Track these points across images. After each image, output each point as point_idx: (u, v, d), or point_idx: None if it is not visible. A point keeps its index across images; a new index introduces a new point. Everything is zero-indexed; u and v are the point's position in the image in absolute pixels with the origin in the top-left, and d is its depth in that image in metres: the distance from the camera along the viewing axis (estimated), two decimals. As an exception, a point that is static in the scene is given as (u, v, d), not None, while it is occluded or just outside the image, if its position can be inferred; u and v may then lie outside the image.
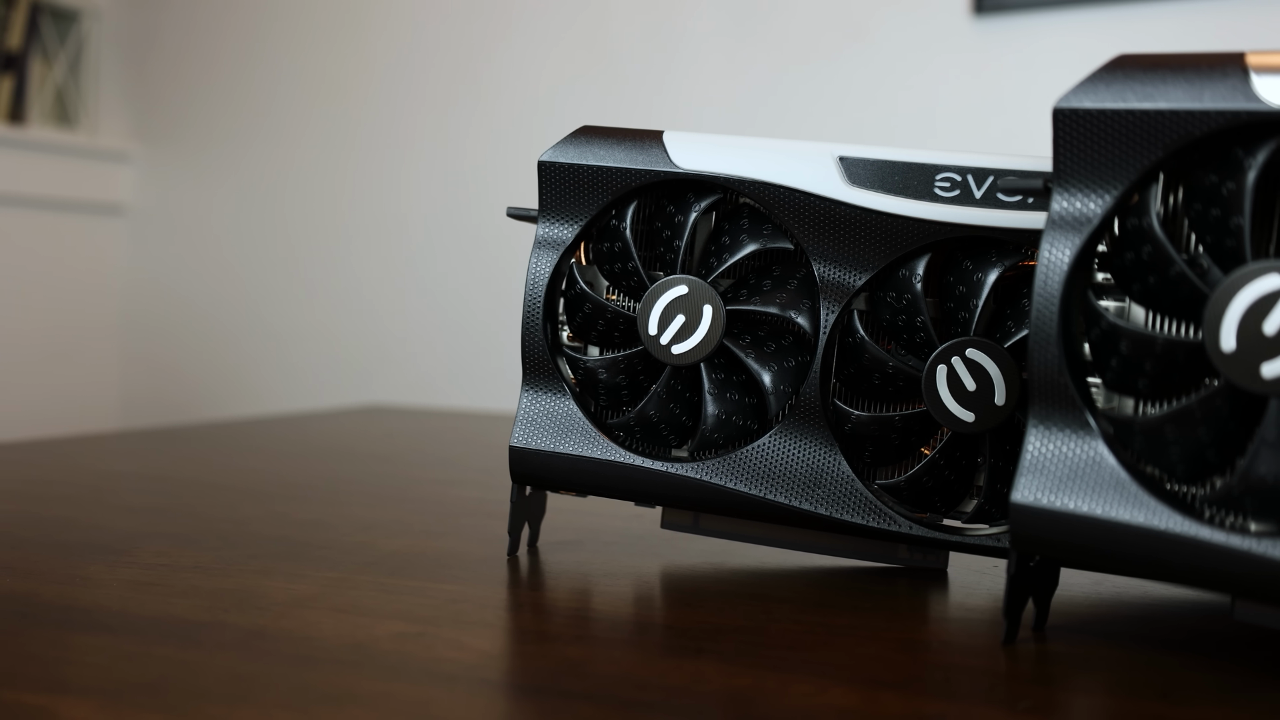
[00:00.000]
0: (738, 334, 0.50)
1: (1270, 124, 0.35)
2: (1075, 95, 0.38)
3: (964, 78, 1.38)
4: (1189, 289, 0.36)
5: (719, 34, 1.50)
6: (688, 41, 1.52)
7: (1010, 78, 1.35)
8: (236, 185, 1.84)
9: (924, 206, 0.46)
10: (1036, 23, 1.35)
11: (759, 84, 1.48)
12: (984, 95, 1.37)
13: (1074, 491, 0.38)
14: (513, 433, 0.52)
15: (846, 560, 0.53)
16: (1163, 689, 0.37)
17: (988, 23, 1.37)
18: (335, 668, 0.37)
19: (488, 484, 0.74)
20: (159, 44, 1.90)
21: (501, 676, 0.38)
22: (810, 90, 1.46)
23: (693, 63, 1.52)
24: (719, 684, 0.36)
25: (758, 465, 0.49)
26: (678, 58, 1.53)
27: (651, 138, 0.50)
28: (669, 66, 1.53)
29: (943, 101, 1.39)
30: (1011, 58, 1.36)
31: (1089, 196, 0.38)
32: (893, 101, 1.41)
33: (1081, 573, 0.50)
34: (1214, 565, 0.36)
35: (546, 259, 0.52)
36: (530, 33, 1.63)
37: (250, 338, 1.82)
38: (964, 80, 1.38)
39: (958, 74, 1.38)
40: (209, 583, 0.47)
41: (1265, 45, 1.10)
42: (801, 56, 1.46)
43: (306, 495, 0.72)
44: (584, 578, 0.51)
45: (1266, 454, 0.35)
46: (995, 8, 1.36)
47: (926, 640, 0.43)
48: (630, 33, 1.56)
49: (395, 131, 1.72)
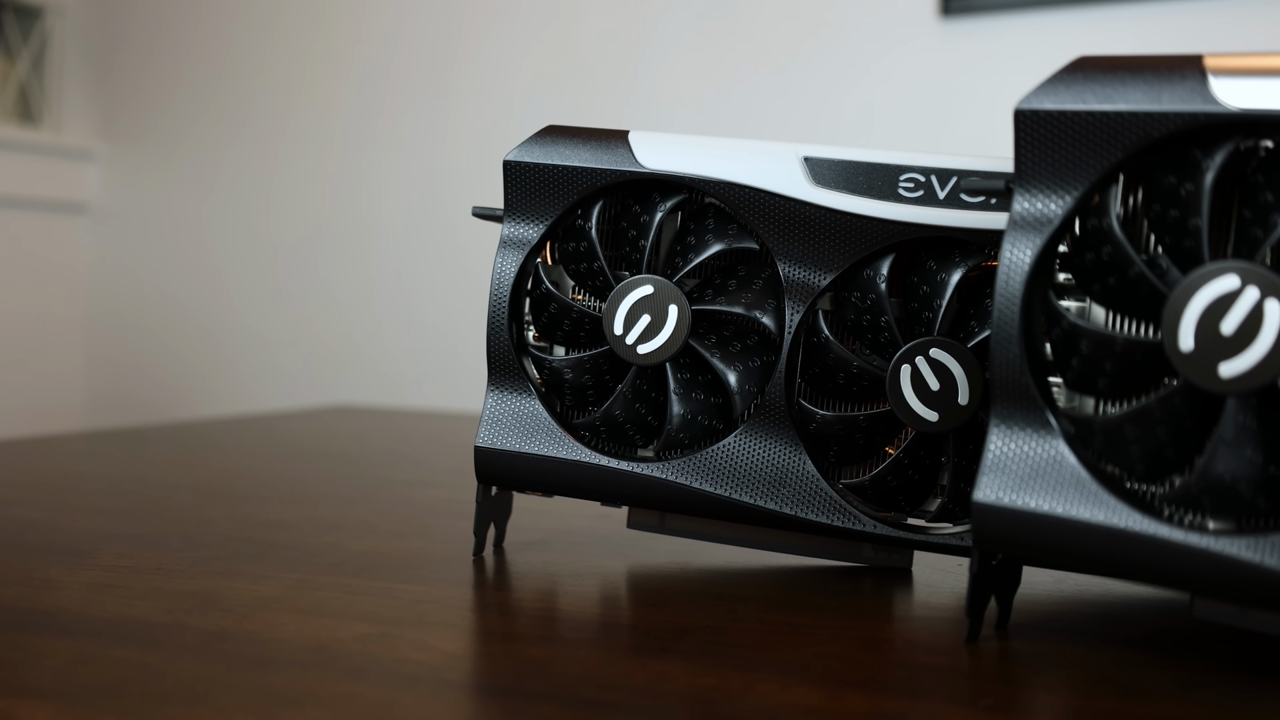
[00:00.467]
0: (703, 334, 0.50)
1: (1227, 126, 0.36)
2: (1036, 96, 0.38)
3: (931, 78, 1.39)
4: (1148, 289, 0.37)
5: (690, 33, 1.50)
6: (658, 42, 1.52)
7: (977, 78, 1.36)
8: (203, 184, 1.82)
9: (888, 207, 0.47)
10: (1003, 24, 1.36)
11: (729, 84, 1.49)
12: (951, 96, 1.37)
13: (1035, 490, 0.38)
14: (478, 433, 0.52)
15: (812, 559, 0.53)
16: (1123, 686, 0.37)
17: (954, 24, 1.38)
18: (297, 669, 0.37)
19: (456, 484, 0.74)
20: (124, 41, 1.88)
21: (465, 677, 0.38)
22: (779, 90, 1.46)
23: (662, 63, 1.52)
24: (683, 684, 0.36)
25: (723, 465, 0.49)
26: (648, 58, 1.53)
27: (617, 137, 0.50)
28: (640, 67, 1.53)
29: (910, 102, 1.40)
30: (978, 59, 1.37)
31: (1050, 197, 0.38)
32: (860, 102, 1.42)
33: (1044, 571, 0.51)
34: (1173, 563, 0.36)
35: (512, 259, 0.52)
36: (503, 33, 1.62)
37: (218, 337, 1.81)
38: (931, 81, 1.39)
39: (925, 74, 1.39)
40: (171, 584, 0.47)
41: (1225, 48, 1.11)
42: (770, 56, 1.47)
43: (272, 496, 0.71)
44: (550, 578, 0.51)
45: (1224, 453, 0.36)
46: (962, 9, 1.37)
47: (890, 639, 0.43)
48: (601, 33, 1.56)
49: (366, 130, 1.71)
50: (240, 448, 0.97)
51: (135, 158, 1.88)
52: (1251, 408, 0.35)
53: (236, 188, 1.80)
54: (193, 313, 1.83)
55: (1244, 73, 0.36)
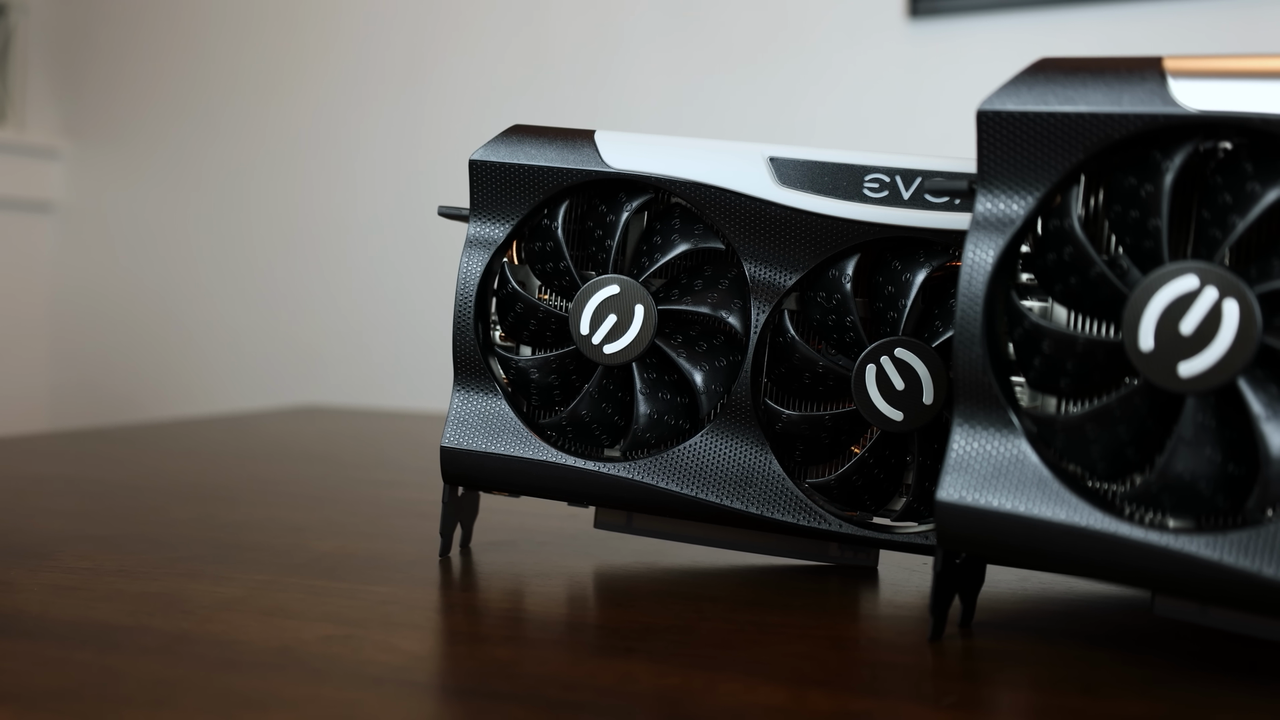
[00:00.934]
0: (669, 333, 0.50)
1: (1186, 127, 0.36)
2: (998, 98, 0.38)
3: (899, 79, 1.39)
4: (1109, 289, 0.37)
5: (659, 34, 1.50)
6: (628, 43, 1.52)
7: (944, 79, 1.37)
8: (169, 183, 1.81)
9: (853, 207, 0.47)
10: (970, 25, 1.36)
11: (699, 84, 1.49)
12: (919, 96, 1.38)
13: (998, 489, 0.38)
14: (444, 433, 0.52)
15: (779, 559, 0.53)
16: (1085, 683, 0.37)
17: (922, 25, 1.39)
18: (260, 671, 0.37)
19: (424, 484, 0.74)
20: (90, 38, 1.87)
21: (429, 678, 0.38)
22: (748, 91, 1.46)
23: (633, 63, 1.52)
24: (648, 683, 0.36)
25: (689, 465, 0.49)
26: (619, 59, 1.53)
27: (583, 137, 0.50)
28: (611, 67, 1.53)
29: (878, 102, 1.40)
30: (946, 59, 1.37)
31: (1012, 198, 0.39)
32: (829, 102, 1.42)
33: (1009, 569, 0.51)
34: (1134, 561, 0.37)
35: (478, 258, 0.51)
36: (475, 34, 1.62)
37: (185, 337, 1.80)
38: (899, 81, 1.39)
39: (893, 75, 1.39)
40: (133, 586, 0.47)
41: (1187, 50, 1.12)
42: (740, 57, 1.47)
43: (238, 497, 0.71)
44: (516, 578, 0.50)
45: (1184, 452, 0.36)
46: (930, 11, 1.37)
47: (855, 637, 0.43)
48: (571, 33, 1.56)
49: (337, 129, 1.71)
50: (207, 448, 0.96)
51: (101, 156, 1.86)
52: (1210, 407, 0.36)
53: (204, 186, 1.79)
54: (160, 312, 1.82)
55: (1203, 75, 0.36)
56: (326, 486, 0.76)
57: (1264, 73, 0.35)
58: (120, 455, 0.90)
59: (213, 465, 0.86)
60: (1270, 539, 0.34)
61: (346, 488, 0.76)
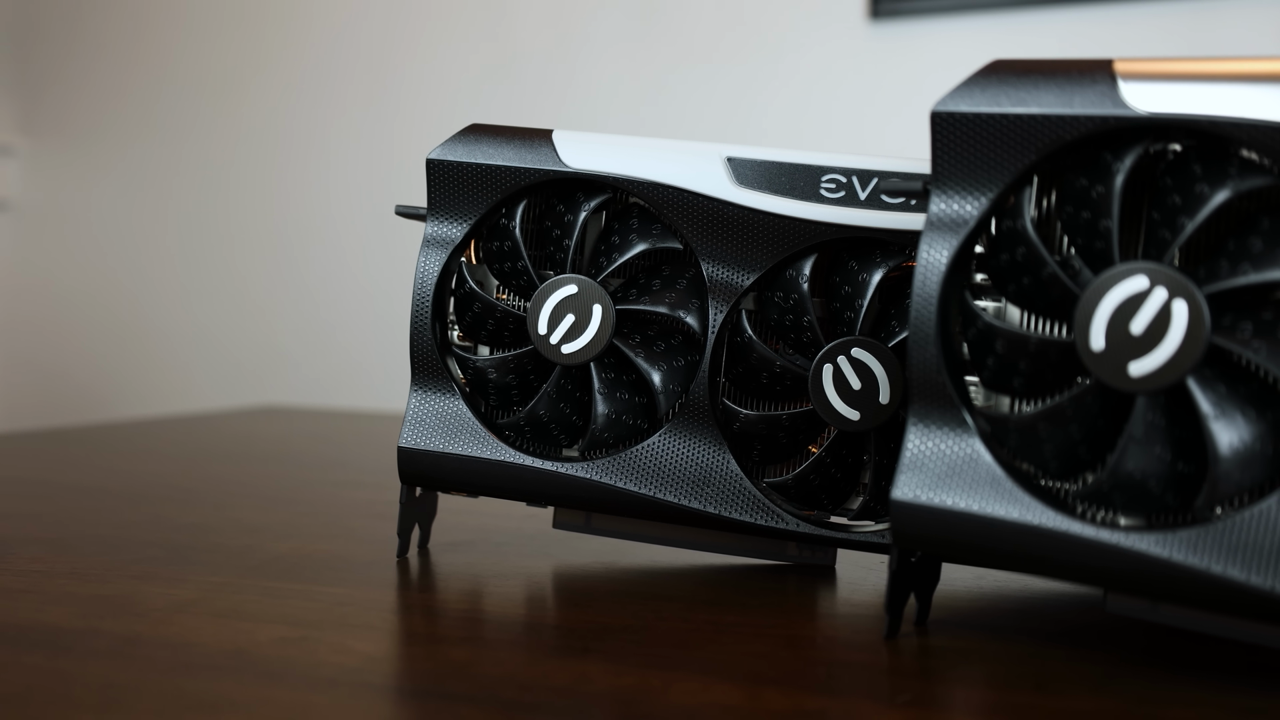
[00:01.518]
0: (627, 333, 0.50)
1: (1137, 129, 0.36)
2: (952, 99, 0.39)
3: (860, 80, 1.40)
4: (1061, 290, 0.37)
5: (621, 34, 1.50)
6: (592, 43, 1.52)
7: (905, 81, 1.37)
8: (126, 181, 1.79)
9: (810, 207, 0.47)
10: (931, 27, 1.37)
11: (660, 84, 1.49)
12: (880, 98, 1.39)
13: (952, 488, 0.39)
14: (401, 433, 0.52)
15: (738, 558, 0.53)
16: (1038, 680, 0.37)
17: (883, 27, 1.39)
18: (212, 674, 0.36)
19: (382, 485, 0.73)
20: (44, 34, 1.84)
21: (384, 680, 0.37)
22: (710, 91, 1.47)
23: (597, 64, 1.52)
24: (604, 684, 0.36)
25: (648, 464, 0.49)
26: (582, 60, 1.53)
27: (541, 137, 0.50)
28: (575, 68, 1.53)
29: (840, 104, 1.41)
30: (907, 61, 1.38)
31: (966, 198, 0.39)
32: (791, 103, 1.43)
33: (965, 567, 0.51)
34: (1085, 559, 0.37)
35: (435, 258, 0.51)
36: (437, 35, 1.61)
37: (141, 337, 1.78)
38: (860, 83, 1.40)
39: (854, 77, 1.40)
40: (85, 589, 0.46)
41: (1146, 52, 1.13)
42: (702, 58, 1.47)
43: (193, 499, 0.70)
44: (474, 579, 0.50)
45: (1134, 450, 0.36)
46: (891, 13, 1.38)
47: (812, 636, 0.43)
48: (535, 33, 1.55)
49: (297, 129, 1.69)
50: (161, 450, 0.95)
51: (58, 153, 1.84)
52: (1160, 406, 0.36)
53: (158, 185, 1.77)
54: (119, 312, 1.80)
55: (1152, 77, 0.36)
56: (284, 487, 0.76)
57: (1212, 75, 0.36)
58: (74, 456, 0.89)
59: (169, 466, 0.85)
60: (1219, 536, 0.35)
61: (304, 488, 0.76)
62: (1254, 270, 0.35)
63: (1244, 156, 0.36)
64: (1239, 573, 0.34)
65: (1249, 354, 0.35)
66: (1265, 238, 0.35)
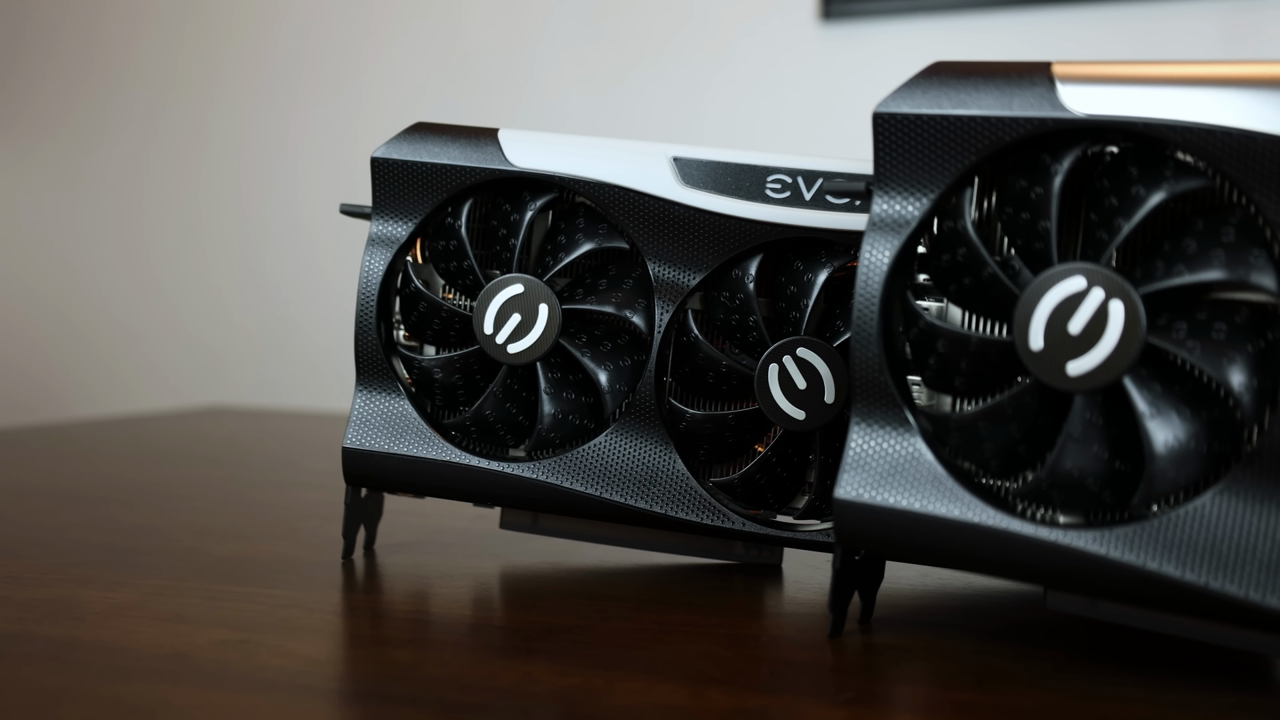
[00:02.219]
0: (574, 333, 0.50)
1: (1074, 131, 0.37)
2: (893, 100, 0.39)
3: (811, 82, 1.40)
4: (1000, 290, 0.38)
5: (576, 37, 1.50)
6: (546, 44, 1.52)
7: (856, 82, 1.38)
8: (74, 178, 1.77)
9: (755, 208, 0.47)
10: (882, 29, 1.38)
11: (615, 85, 1.49)
12: (831, 99, 1.39)
13: (894, 487, 0.39)
14: (346, 434, 0.51)
15: (686, 558, 0.53)
16: (978, 677, 0.38)
17: (835, 28, 1.40)
18: (150, 678, 0.36)
19: (328, 486, 0.73)
20: (-12, 30, 1.81)
21: (325, 683, 0.37)
22: (662, 92, 1.47)
23: (550, 65, 1.51)
24: (548, 684, 0.36)
25: (594, 464, 0.49)
26: (535, 60, 1.52)
27: (486, 135, 0.50)
28: (528, 68, 1.53)
29: (792, 105, 1.41)
30: (857, 62, 1.39)
31: (908, 199, 0.39)
32: (743, 104, 1.43)
33: (910, 565, 0.52)
34: (1025, 557, 0.37)
35: (380, 257, 0.51)
36: (385, 34, 1.60)
37: (86, 337, 1.75)
38: (811, 84, 1.40)
39: (806, 78, 1.41)
40: (21, 593, 0.45)
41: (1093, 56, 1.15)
42: (653, 59, 1.47)
43: (136, 500, 0.69)
44: (420, 580, 0.50)
45: (1072, 449, 0.37)
46: (842, 14, 1.39)
47: (757, 635, 0.43)
48: (486, 33, 1.55)
49: (236, 126, 1.68)
50: (105, 451, 0.94)
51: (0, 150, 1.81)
52: (1098, 405, 0.37)
53: (106, 182, 1.75)
54: (59, 311, 1.77)
55: (1089, 80, 0.37)
56: (230, 489, 0.75)
57: (1148, 79, 0.36)
58: (14, 457, 0.87)
59: (110, 468, 0.84)
60: (1154, 534, 0.35)
61: (250, 490, 0.75)
62: (1188, 271, 0.35)
63: (1179, 159, 0.36)
64: (1174, 569, 0.35)
65: (1184, 354, 0.35)
66: (1199, 239, 0.35)
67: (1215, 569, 0.35)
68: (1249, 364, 0.35)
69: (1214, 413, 0.36)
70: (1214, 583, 0.34)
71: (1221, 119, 0.35)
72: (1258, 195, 0.34)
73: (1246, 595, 0.34)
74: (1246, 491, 0.35)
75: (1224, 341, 0.35)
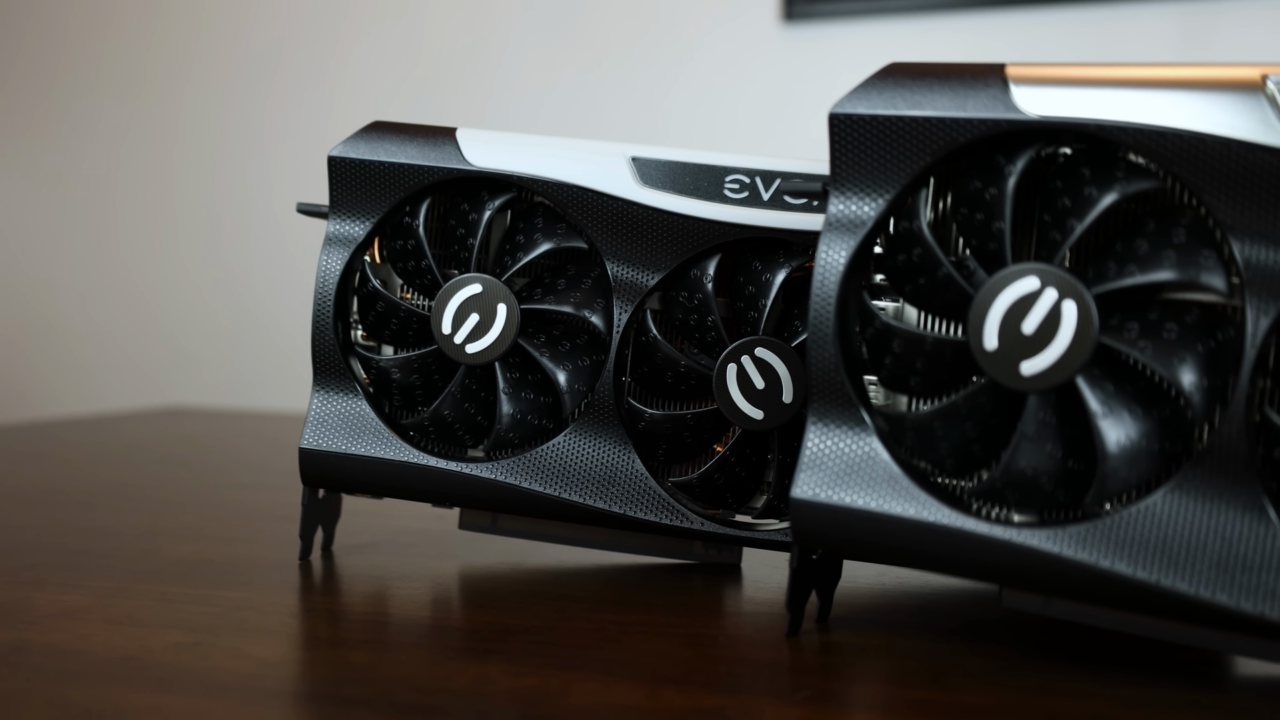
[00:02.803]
0: (532, 333, 0.50)
1: (1028, 133, 0.37)
2: (849, 101, 0.39)
3: (773, 83, 1.41)
4: (955, 290, 0.38)
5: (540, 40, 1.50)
6: (511, 45, 1.51)
7: (817, 83, 1.39)
8: (34, 178, 1.74)
9: (713, 207, 0.47)
10: (843, 30, 1.39)
11: (574, 85, 1.49)
12: (793, 100, 1.40)
13: (850, 486, 0.39)
14: (303, 434, 0.51)
15: (645, 557, 0.53)
16: (934, 675, 0.38)
17: (797, 30, 1.40)
18: (102, 682, 0.35)
19: (286, 487, 0.72)
20: (-59, 25, 1.79)
21: (280, 685, 0.37)
22: (624, 92, 1.47)
23: (512, 65, 1.51)
24: (504, 685, 0.36)
25: (553, 464, 0.49)
26: (499, 60, 1.52)
27: (444, 134, 0.50)
28: (495, 69, 1.52)
29: (753, 105, 1.42)
30: (819, 64, 1.39)
31: (864, 199, 0.39)
32: (704, 105, 1.43)
33: (868, 564, 0.52)
34: (980, 556, 0.38)
35: (337, 256, 0.51)
36: (348, 34, 1.59)
37: (43, 338, 1.73)
38: (773, 85, 1.41)
39: (767, 79, 1.41)
40: (-29, 596, 0.45)
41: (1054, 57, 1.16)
42: (615, 59, 1.47)
43: (92, 502, 0.68)
44: (378, 581, 0.50)
45: (1027, 448, 0.37)
46: (804, 15, 1.39)
47: (714, 635, 0.43)
48: (452, 33, 1.54)
49: (201, 126, 1.66)
50: (62, 452, 0.93)
51: (-46, 148, 1.78)
52: (1051, 404, 0.37)
53: (64, 180, 1.73)
54: (20, 311, 1.75)
55: (1043, 82, 0.37)
56: (185, 490, 0.74)
57: (1100, 81, 0.37)
58: (-31, 460, 0.86)
59: (66, 469, 0.83)
60: (1107, 532, 0.36)
61: (206, 491, 0.74)
62: (1140, 271, 0.35)
63: (1130, 160, 0.37)
64: (1126, 567, 0.35)
65: (1135, 353, 0.35)
66: (1151, 239, 0.36)
67: (1166, 567, 0.35)
68: (1199, 363, 0.35)
69: (1165, 412, 0.36)
70: (1165, 580, 0.35)
71: (1173, 121, 0.35)
72: (1208, 196, 0.35)
73: (1197, 592, 0.35)
74: (1197, 490, 0.35)
75: (1175, 341, 0.35)
